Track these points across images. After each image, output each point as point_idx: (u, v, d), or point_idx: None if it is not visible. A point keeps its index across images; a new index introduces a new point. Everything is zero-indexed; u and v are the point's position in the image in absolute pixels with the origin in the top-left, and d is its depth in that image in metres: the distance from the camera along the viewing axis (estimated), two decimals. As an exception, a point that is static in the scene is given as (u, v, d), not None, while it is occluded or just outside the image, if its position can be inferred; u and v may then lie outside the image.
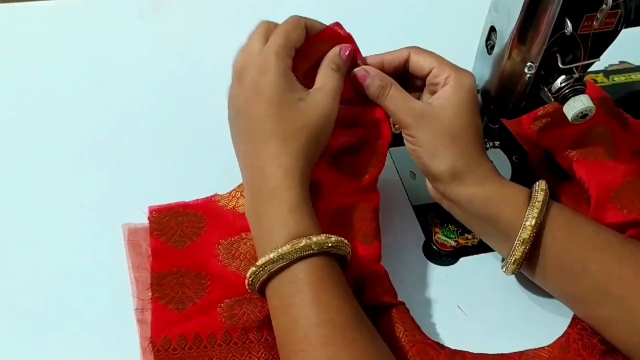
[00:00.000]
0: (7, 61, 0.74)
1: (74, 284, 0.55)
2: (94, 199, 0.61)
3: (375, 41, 0.77)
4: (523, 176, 0.65)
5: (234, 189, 0.60)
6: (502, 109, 0.58)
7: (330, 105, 0.50)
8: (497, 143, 0.66)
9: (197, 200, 0.60)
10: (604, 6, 0.49)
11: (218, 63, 0.75)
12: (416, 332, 0.51)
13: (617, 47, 0.52)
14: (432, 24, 0.81)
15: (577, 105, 0.52)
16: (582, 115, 0.53)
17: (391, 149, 0.65)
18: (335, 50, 0.53)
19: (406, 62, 0.55)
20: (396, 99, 0.52)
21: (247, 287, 0.48)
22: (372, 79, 0.53)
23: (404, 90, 0.53)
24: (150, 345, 0.50)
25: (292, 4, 0.81)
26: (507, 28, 0.52)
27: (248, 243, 0.55)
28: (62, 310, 0.54)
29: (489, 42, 0.55)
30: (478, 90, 0.59)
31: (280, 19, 0.80)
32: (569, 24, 0.49)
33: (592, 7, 0.49)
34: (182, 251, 0.56)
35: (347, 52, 0.53)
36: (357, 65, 0.54)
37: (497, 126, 0.60)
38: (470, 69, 0.60)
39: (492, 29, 0.55)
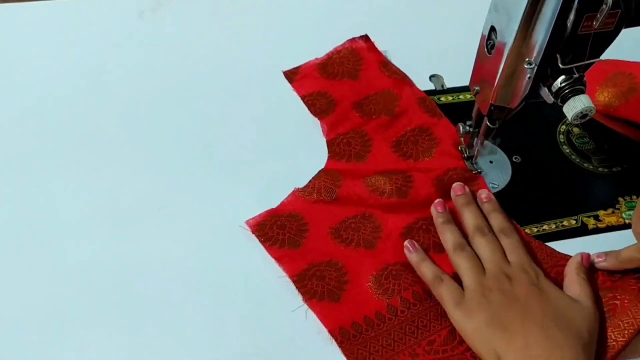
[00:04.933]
0: (7, 61, 0.74)
1: (77, 284, 0.55)
2: (94, 199, 0.61)
3: (375, 41, 0.78)
4: (523, 176, 0.65)
5: (310, 181, 0.63)
6: (502, 108, 0.58)
7: (597, 319, 0.54)
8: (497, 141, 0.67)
9: (283, 201, 0.62)
10: (604, 6, 0.49)
11: (218, 63, 0.75)
12: None
13: (617, 47, 0.52)
14: (433, 24, 0.81)
15: (577, 105, 0.52)
16: (582, 115, 0.53)
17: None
18: (577, 259, 0.57)
19: None
20: None
21: None
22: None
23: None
24: (332, 339, 0.53)
25: (291, 4, 0.82)
26: (507, 28, 0.52)
27: (351, 224, 0.60)
28: (67, 311, 0.54)
29: (489, 42, 0.55)
30: (478, 92, 0.59)
31: (280, 19, 0.81)
32: (569, 24, 0.49)
33: (592, 7, 0.49)
34: (302, 249, 0.59)
35: (588, 260, 0.58)
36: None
37: (497, 126, 0.61)
38: (470, 68, 0.60)
39: (492, 29, 0.55)
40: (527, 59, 0.52)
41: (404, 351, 0.53)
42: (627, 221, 0.62)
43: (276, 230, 0.59)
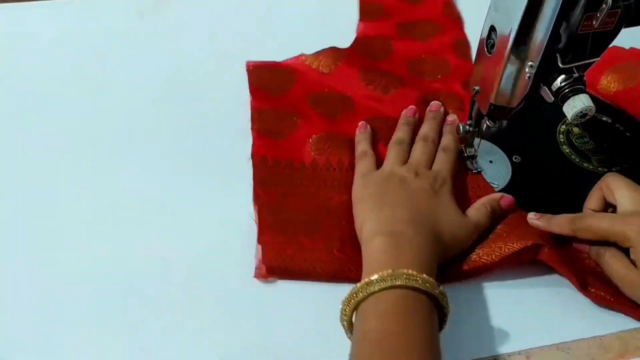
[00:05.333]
0: (7, 61, 0.74)
1: (77, 282, 0.55)
2: (94, 198, 0.61)
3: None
4: (523, 176, 0.65)
5: (319, 52, 0.74)
6: (502, 108, 0.58)
7: (471, 237, 0.57)
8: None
9: (287, 60, 0.74)
10: (603, 6, 0.49)
11: (218, 63, 0.75)
12: None
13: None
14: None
15: (577, 105, 0.52)
16: (582, 115, 0.53)
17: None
18: (496, 196, 0.61)
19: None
20: (611, 268, 0.55)
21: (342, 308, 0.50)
22: (590, 249, 0.57)
23: (619, 255, 0.54)
24: (251, 161, 0.63)
25: (291, 4, 0.82)
26: (507, 28, 0.52)
27: (329, 95, 0.71)
28: (68, 310, 0.54)
29: (489, 42, 0.55)
30: (477, 91, 0.59)
31: (280, 19, 0.81)
32: (569, 23, 0.49)
33: (592, 6, 0.49)
34: (278, 97, 0.70)
35: (507, 203, 0.60)
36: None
37: (496, 126, 0.61)
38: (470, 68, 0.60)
39: (492, 29, 0.54)
40: (527, 59, 0.52)
41: (299, 192, 0.61)
42: (627, 221, 0.62)
43: (267, 76, 0.71)
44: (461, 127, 0.63)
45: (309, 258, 0.57)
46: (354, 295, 0.48)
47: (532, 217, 0.58)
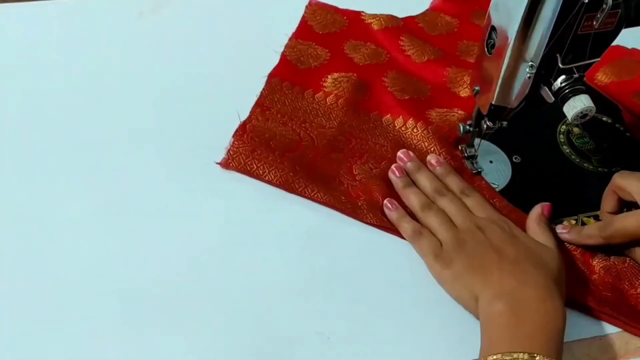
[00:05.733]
0: (7, 61, 0.74)
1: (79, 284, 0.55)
2: (95, 199, 0.61)
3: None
4: (523, 176, 0.65)
5: (377, 14, 0.79)
6: (502, 108, 0.58)
7: (561, 258, 0.56)
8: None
9: (348, 9, 0.80)
10: (604, 6, 0.49)
11: (218, 63, 0.75)
12: None
13: (617, 47, 0.52)
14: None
15: (577, 105, 0.52)
16: (582, 115, 0.53)
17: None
18: (537, 210, 0.60)
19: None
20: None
21: None
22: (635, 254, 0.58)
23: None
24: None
25: (291, 4, 0.82)
26: (507, 28, 0.52)
27: (366, 49, 0.76)
28: (68, 311, 0.54)
29: (489, 42, 0.55)
30: (478, 92, 0.59)
31: (279, 19, 0.81)
32: (569, 24, 0.49)
33: (592, 7, 0.49)
34: (321, 35, 0.77)
35: (549, 210, 0.60)
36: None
37: (496, 126, 0.61)
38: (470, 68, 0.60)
39: (492, 29, 0.55)
40: (527, 59, 0.53)
41: (295, 116, 0.68)
42: (627, 221, 0.62)
43: (321, 15, 0.79)
44: (461, 127, 0.64)
45: (270, 164, 0.62)
46: None
47: (562, 232, 0.60)
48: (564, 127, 0.70)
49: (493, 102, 0.57)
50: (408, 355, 0.53)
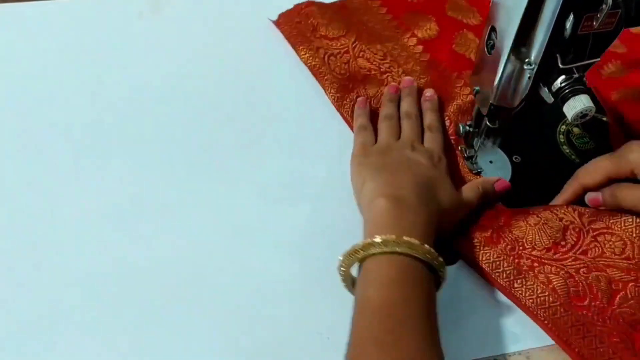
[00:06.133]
0: (7, 61, 0.74)
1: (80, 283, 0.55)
2: (95, 199, 0.61)
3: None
4: (523, 176, 0.65)
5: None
6: (502, 108, 0.58)
7: (461, 214, 0.59)
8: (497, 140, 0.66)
9: None
10: (603, 6, 0.49)
11: (218, 63, 0.75)
12: None
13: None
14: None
15: (577, 105, 0.52)
16: (582, 115, 0.53)
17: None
18: (492, 179, 0.62)
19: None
20: (628, 196, 0.55)
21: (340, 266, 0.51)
22: (604, 195, 0.57)
23: (630, 184, 0.55)
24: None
25: (291, 4, 0.82)
26: (507, 28, 0.52)
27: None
28: (68, 311, 0.54)
29: (489, 42, 0.55)
30: (478, 91, 0.59)
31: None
32: (568, 25, 0.49)
33: (592, 7, 0.49)
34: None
35: (501, 187, 0.62)
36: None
37: (496, 126, 0.61)
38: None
39: (492, 29, 0.55)
40: (527, 59, 0.52)
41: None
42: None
43: None
44: (461, 127, 0.64)
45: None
46: (355, 252, 0.50)
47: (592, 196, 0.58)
48: (564, 127, 0.70)
49: (493, 102, 0.57)
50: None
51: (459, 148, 0.66)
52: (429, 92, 0.69)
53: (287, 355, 0.53)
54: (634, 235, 0.54)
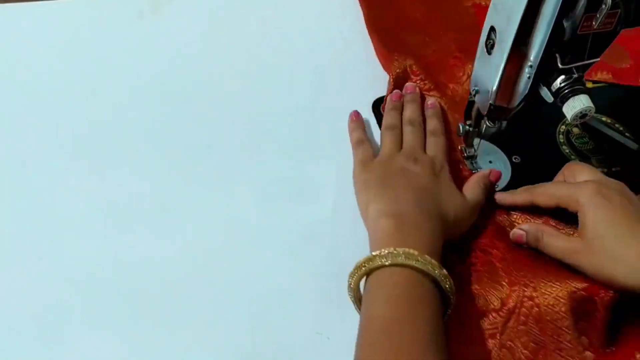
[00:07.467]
0: (7, 61, 0.74)
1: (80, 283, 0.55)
2: (95, 199, 0.61)
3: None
4: (523, 176, 0.65)
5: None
6: (502, 108, 0.58)
7: (473, 217, 0.59)
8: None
9: None
10: (603, 6, 0.49)
11: (218, 63, 0.75)
12: None
13: (616, 47, 0.52)
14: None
15: (576, 105, 0.52)
16: (582, 115, 0.53)
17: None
18: (485, 172, 0.62)
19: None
20: (551, 246, 0.56)
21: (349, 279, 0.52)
22: (527, 236, 0.58)
23: (555, 233, 0.57)
24: None
25: (291, 4, 0.82)
26: (506, 28, 0.52)
27: None
28: (68, 311, 0.54)
29: (488, 42, 0.55)
30: (477, 92, 0.59)
31: (279, 19, 0.81)
32: (569, 24, 0.49)
33: (592, 7, 0.49)
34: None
35: (496, 176, 0.62)
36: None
37: (496, 126, 0.61)
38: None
39: (492, 29, 0.55)
40: (527, 59, 0.53)
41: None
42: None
43: None
44: (461, 127, 0.64)
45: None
46: (358, 268, 0.50)
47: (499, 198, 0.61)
48: (563, 127, 0.70)
49: (493, 102, 0.57)
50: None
51: (459, 148, 0.66)
52: (430, 101, 0.69)
53: (287, 355, 0.53)
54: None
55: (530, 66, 0.52)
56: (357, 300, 0.52)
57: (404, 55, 0.72)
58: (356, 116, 0.68)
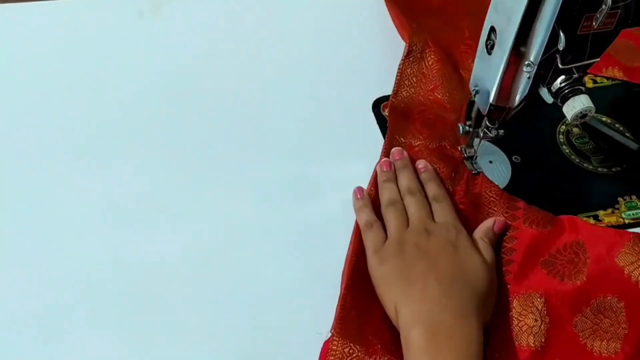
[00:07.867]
0: (7, 61, 0.74)
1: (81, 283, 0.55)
2: (95, 199, 0.61)
3: (376, 42, 0.78)
4: (523, 176, 0.65)
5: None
6: (502, 108, 0.58)
7: (495, 278, 0.56)
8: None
9: None
10: (603, 7, 0.49)
11: (218, 63, 0.75)
12: None
13: (616, 47, 0.52)
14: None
15: (576, 105, 0.52)
16: (582, 115, 0.53)
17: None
18: (488, 224, 0.59)
19: None
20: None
21: None
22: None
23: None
24: None
25: (291, 4, 0.82)
26: (506, 28, 0.52)
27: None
28: (67, 311, 0.54)
29: (488, 42, 0.55)
30: (477, 92, 0.59)
31: (279, 19, 0.81)
32: (568, 24, 0.49)
33: (592, 7, 0.49)
34: None
35: (500, 227, 0.59)
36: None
37: (496, 126, 0.61)
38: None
39: (492, 29, 0.55)
40: (526, 59, 0.53)
41: None
42: (626, 221, 0.62)
43: None
44: (461, 127, 0.64)
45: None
46: None
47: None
48: (563, 127, 0.70)
49: (493, 102, 0.57)
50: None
51: (459, 148, 0.66)
52: (421, 164, 0.64)
53: (287, 355, 0.53)
54: None
55: (530, 66, 0.52)
56: None
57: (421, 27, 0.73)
58: (360, 194, 0.62)
